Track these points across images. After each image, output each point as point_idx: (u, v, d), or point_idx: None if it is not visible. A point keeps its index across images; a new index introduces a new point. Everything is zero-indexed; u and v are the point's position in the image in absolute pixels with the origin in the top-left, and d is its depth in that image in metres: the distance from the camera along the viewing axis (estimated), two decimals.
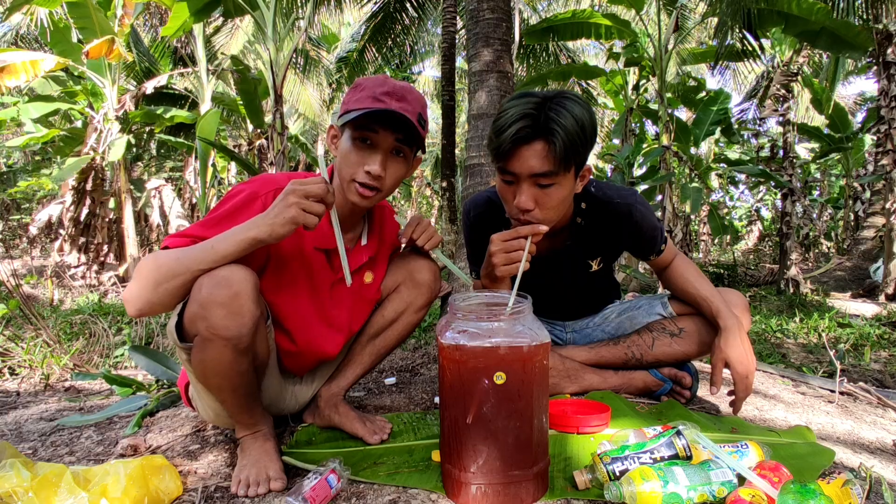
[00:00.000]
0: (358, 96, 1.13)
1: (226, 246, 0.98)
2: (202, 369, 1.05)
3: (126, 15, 6.73)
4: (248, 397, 1.14)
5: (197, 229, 1.06)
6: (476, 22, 3.43)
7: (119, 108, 7.16)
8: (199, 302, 0.97)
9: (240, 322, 0.99)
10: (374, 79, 1.15)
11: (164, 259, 0.99)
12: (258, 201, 1.10)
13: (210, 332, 0.99)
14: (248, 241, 0.98)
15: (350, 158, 1.13)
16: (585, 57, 12.74)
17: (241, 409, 1.14)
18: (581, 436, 1.30)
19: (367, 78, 1.16)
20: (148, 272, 0.98)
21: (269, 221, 0.97)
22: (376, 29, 7.42)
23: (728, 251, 12.37)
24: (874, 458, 1.33)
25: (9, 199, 11.02)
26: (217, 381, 1.07)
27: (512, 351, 0.95)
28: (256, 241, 0.98)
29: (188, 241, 1.04)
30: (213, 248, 0.98)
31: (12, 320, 2.95)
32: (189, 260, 0.98)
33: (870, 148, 9.12)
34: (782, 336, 3.81)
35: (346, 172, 1.14)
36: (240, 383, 1.09)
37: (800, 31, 4.99)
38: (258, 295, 1.03)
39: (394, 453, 1.21)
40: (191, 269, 0.97)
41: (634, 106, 7.37)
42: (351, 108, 1.12)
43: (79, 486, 0.94)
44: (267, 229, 0.97)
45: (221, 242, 0.98)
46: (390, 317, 1.35)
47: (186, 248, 1.00)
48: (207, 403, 1.21)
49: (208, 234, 1.03)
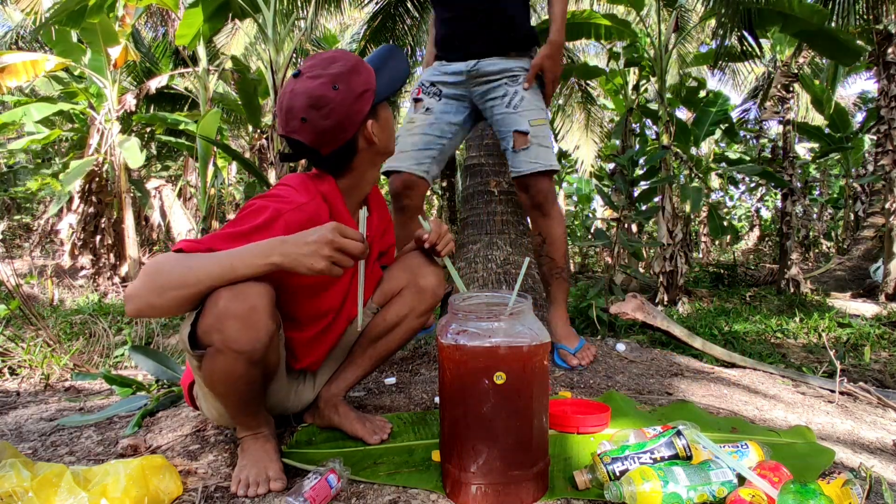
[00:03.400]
0: (366, 73, 1.17)
1: (244, 267, 0.95)
2: (211, 378, 1.05)
3: (127, 15, 6.74)
4: (254, 404, 1.14)
5: (215, 241, 1.02)
6: None
7: (120, 109, 7.17)
8: (214, 314, 0.96)
9: (255, 336, 0.98)
10: (353, 56, 1.19)
11: (176, 265, 0.95)
12: (280, 221, 1.06)
13: (224, 345, 0.98)
14: (269, 267, 0.95)
15: (391, 120, 1.25)
16: (585, 57, 12.74)
17: (245, 414, 1.14)
18: (581, 436, 1.30)
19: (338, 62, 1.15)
20: (157, 274, 0.94)
21: (296, 254, 0.94)
22: (377, 29, 7.42)
23: (728, 251, 12.36)
24: (874, 458, 1.33)
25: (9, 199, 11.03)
26: (225, 389, 1.07)
27: (512, 351, 0.95)
28: (276, 268, 0.96)
29: (204, 249, 1.00)
30: (231, 266, 0.94)
31: (12, 320, 2.95)
32: (203, 273, 0.94)
33: (870, 148, 9.12)
34: (782, 336, 3.81)
35: (393, 132, 1.26)
36: (247, 392, 1.09)
37: (798, 30, 4.99)
38: (274, 308, 1.02)
39: (394, 453, 1.21)
40: (203, 283, 0.94)
41: (634, 106, 7.37)
42: (374, 86, 1.17)
43: (79, 486, 0.94)
44: (291, 261, 0.95)
45: (240, 261, 0.95)
46: (392, 321, 1.34)
47: (201, 259, 0.96)
48: (212, 405, 1.21)
49: (227, 247, 1.00)
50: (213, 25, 5.91)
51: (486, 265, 2.93)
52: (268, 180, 4.88)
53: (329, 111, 1.10)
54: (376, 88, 1.17)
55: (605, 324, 3.44)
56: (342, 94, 1.11)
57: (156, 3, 6.17)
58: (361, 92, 1.14)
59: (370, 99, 1.15)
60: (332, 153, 1.16)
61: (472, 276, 2.88)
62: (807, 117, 11.14)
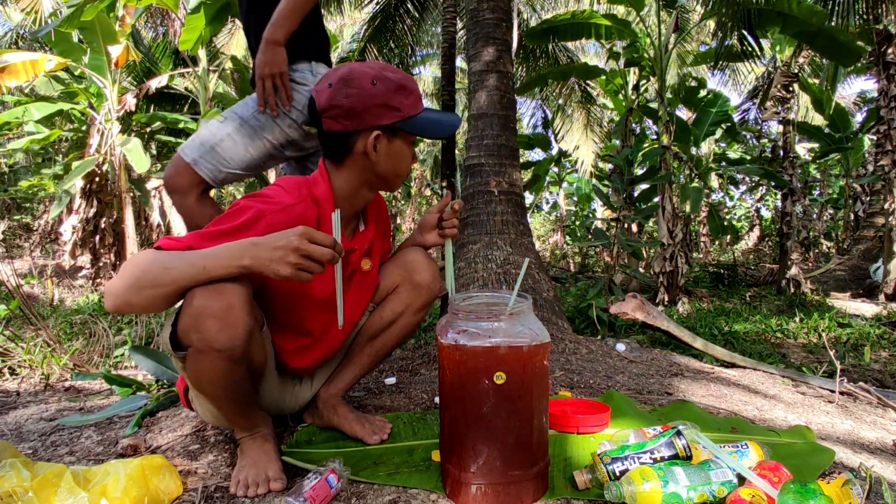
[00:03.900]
0: (411, 101, 1.16)
1: (216, 268, 0.94)
2: (197, 378, 1.05)
3: (127, 15, 6.74)
4: (244, 403, 1.13)
5: (195, 239, 1.02)
6: (476, 22, 3.43)
7: (120, 109, 7.17)
8: (190, 314, 0.95)
9: (233, 334, 0.97)
10: (403, 74, 1.17)
11: (153, 264, 0.95)
12: (262, 222, 1.06)
13: (203, 344, 0.97)
14: (240, 269, 0.94)
15: (405, 158, 1.21)
16: (585, 56, 12.74)
17: (237, 414, 1.14)
18: (581, 436, 1.30)
19: (392, 71, 1.16)
20: (134, 272, 0.94)
21: (266, 258, 0.93)
22: (377, 29, 7.42)
23: (728, 251, 12.37)
24: (874, 458, 1.33)
25: (9, 199, 11.03)
26: (212, 389, 1.07)
27: (512, 351, 0.95)
28: (247, 270, 0.95)
29: (183, 248, 1.00)
30: (204, 267, 0.94)
31: (12, 320, 2.95)
32: (176, 273, 0.94)
33: (870, 148, 9.12)
34: (782, 336, 3.81)
35: (402, 169, 1.22)
36: (235, 391, 1.08)
37: (798, 30, 4.99)
38: (252, 305, 1.01)
39: (394, 453, 1.21)
40: (177, 283, 0.94)
41: (634, 106, 7.37)
42: (411, 114, 1.16)
43: (79, 486, 0.94)
44: (260, 264, 0.93)
45: (212, 262, 0.94)
46: (388, 318, 1.34)
47: (176, 258, 0.95)
48: (206, 407, 1.21)
49: (205, 245, 0.99)
50: (215, 28, 5.92)
51: (486, 265, 2.93)
52: (268, 180, 4.88)
53: (352, 94, 1.11)
54: (409, 116, 1.16)
55: (605, 324, 3.44)
56: (373, 90, 1.12)
57: (156, 3, 6.17)
58: (390, 105, 1.13)
59: (394, 117, 1.14)
60: (329, 134, 1.15)
61: (472, 276, 2.88)
62: (807, 117, 11.14)
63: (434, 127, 1.19)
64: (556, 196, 13.65)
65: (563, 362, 2.15)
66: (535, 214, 15.20)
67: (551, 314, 2.84)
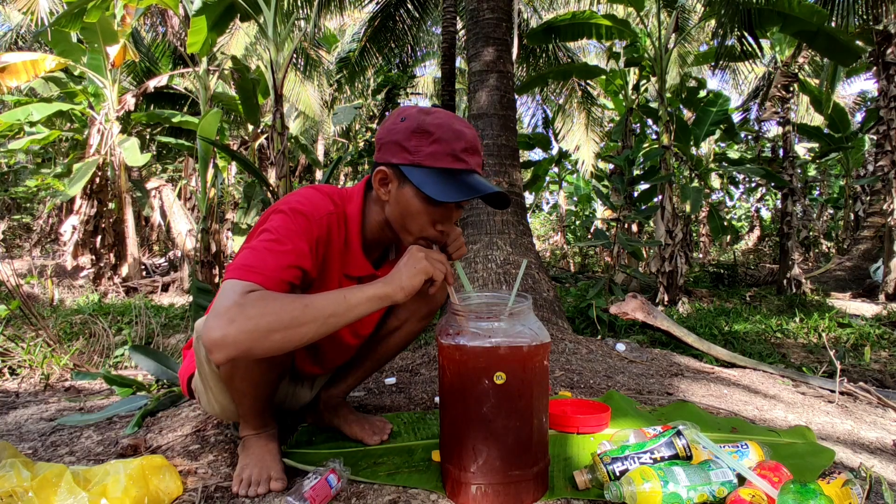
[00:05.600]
0: (432, 149, 1.00)
1: (357, 300, 0.96)
2: (231, 375, 1.06)
3: (127, 15, 6.74)
4: (266, 401, 1.15)
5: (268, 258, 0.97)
6: (476, 22, 3.43)
7: (119, 109, 7.17)
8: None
9: None
10: (446, 123, 1.02)
11: (284, 304, 0.90)
12: (313, 225, 1.04)
13: None
14: (379, 299, 0.97)
15: (416, 214, 1.05)
16: (586, 56, 12.74)
17: (254, 412, 1.15)
18: (581, 436, 1.30)
19: (436, 117, 1.03)
20: (260, 316, 0.87)
21: (400, 281, 0.98)
22: (377, 29, 7.42)
23: (728, 251, 12.37)
24: (874, 458, 1.33)
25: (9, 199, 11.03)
26: (243, 386, 1.08)
27: (512, 351, 0.95)
28: (386, 299, 0.97)
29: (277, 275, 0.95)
30: (345, 298, 0.95)
31: (12, 320, 2.95)
32: (318, 309, 0.92)
33: (870, 148, 9.13)
34: (782, 336, 3.81)
35: (413, 227, 1.06)
36: (265, 389, 1.11)
37: (798, 30, 4.99)
38: None
39: (394, 453, 1.21)
40: (323, 317, 0.93)
41: (635, 106, 7.37)
42: (424, 163, 1.00)
43: (79, 486, 0.94)
44: (396, 289, 0.98)
45: (353, 294, 0.96)
46: (393, 324, 1.34)
47: (309, 296, 0.94)
48: (216, 398, 1.19)
49: (283, 262, 0.97)
50: (220, 30, 5.93)
51: (486, 265, 2.93)
52: (267, 180, 4.88)
53: (385, 125, 1.08)
54: (418, 163, 1.01)
55: (605, 324, 3.44)
56: (395, 126, 1.04)
57: (156, 3, 6.16)
58: (402, 145, 1.02)
59: (402, 159, 1.02)
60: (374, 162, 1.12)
61: (472, 276, 2.88)
62: (807, 117, 11.14)
63: (436, 188, 0.99)
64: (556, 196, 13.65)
65: (563, 362, 2.15)
66: (535, 214, 15.21)
67: (551, 314, 2.85)
